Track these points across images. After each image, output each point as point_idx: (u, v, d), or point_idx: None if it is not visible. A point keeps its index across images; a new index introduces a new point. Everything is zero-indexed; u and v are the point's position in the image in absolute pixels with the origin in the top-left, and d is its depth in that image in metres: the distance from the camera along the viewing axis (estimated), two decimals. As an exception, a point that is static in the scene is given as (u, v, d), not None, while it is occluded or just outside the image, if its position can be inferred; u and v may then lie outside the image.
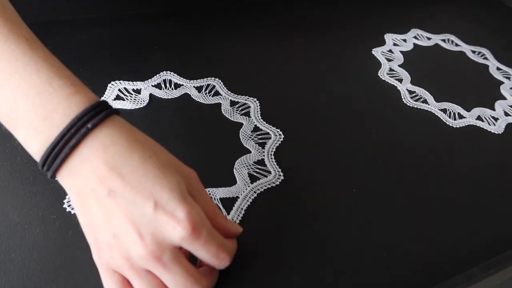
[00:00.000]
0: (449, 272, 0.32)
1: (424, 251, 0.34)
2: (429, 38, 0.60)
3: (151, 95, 0.43)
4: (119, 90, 0.43)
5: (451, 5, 0.69)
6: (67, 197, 0.33)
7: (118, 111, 0.28)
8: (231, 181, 0.37)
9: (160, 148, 0.28)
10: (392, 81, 0.51)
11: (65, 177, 0.26)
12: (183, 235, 0.24)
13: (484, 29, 0.65)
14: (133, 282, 0.26)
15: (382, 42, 0.57)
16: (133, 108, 0.41)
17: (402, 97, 0.49)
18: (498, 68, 0.57)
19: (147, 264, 0.25)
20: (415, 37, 0.60)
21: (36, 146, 0.25)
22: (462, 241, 0.35)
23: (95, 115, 0.25)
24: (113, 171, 0.24)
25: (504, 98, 0.52)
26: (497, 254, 0.31)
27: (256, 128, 0.42)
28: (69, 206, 0.33)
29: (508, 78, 0.56)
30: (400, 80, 0.52)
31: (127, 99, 0.42)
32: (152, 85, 0.44)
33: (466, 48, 0.60)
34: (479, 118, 0.49)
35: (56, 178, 0.26)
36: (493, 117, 0.49)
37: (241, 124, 0.42)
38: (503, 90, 0.54)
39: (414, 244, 0.34)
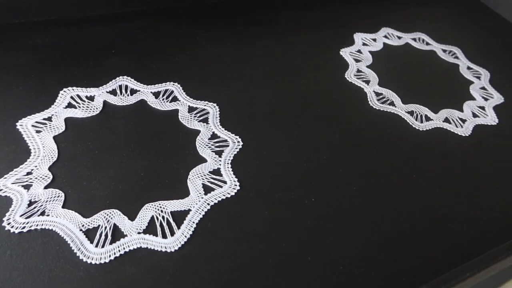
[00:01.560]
0: (408, 284, 0.31)
1: (382, 260, 0.33)
2: (399, 37, 0.59)
3: (105, 102, 0.41)
4: (71, 97, 0.41)
5: (424, 3, 0.68)
6: (8, 212, 0.31)
7: None
8: (185, 193, 0.35)
9: None
10: (359, 82, 0.50)
11: None
12: None
13: (456, 27, 0.65)
14: None
15: (352, 42, 0.56)
16: (85, 116, 0.40)
17: (369, 99, 0.48)
18: (468, 68, 0.56)
19: None
20: (385, 36, 0.59)
21: None
22: (418, 253, 0.34)
23: None
24: None
25: (473, 99, 0.52)
26: (454, 267, 0.30)
27: (214, 135, 0.40)
28: (8, 224, 0.31)
29: (478, 77, 0.55)
30: (368, 82, 0.50)
31: (79, 106, 0.40)
32: (107, 91, 0.42)
33: (437, 47, 0.59)
34: (446, 120, 0.48)
35: None
36: (461, 119, 0.48)
37: (198, 131, 0.40)
38: (473, 90, 0.53)
39: (370, 255, 0.33)
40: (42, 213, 0.32)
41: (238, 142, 0.40)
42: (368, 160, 0.41)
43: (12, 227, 0.31)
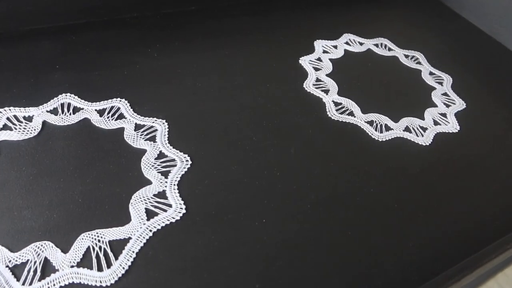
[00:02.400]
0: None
1: (337, 282, 0.31)
2: (361, 43, 0.58)
3: (44, 122, 0.39)
4: (8, 118, 0.38)
5: (386, 7, 0.67)
6: None
7: None
8: (126, 219, 0.33)
9: None
10: (317, 92, 0.48)
11: None
12: None
13: (420, 31, 0.64)
14: None
15: (312, 50, 0.55)
16: (21, 138, 0.37)
17: (327, 110, 0.47)
18: (431, 73, 0.55)
19: None
20: (346, 43, 0.57)
21: None
22: (378, 272, 0.33)
23: None
24: None
25: (435, 105, 0.51)
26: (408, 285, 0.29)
27: (161, 154, 0.38)
28: None
29: (441, 83, 0.54)
30: (327, 91, 0.49)
31: (16, 128, 0.38)
32: (47, 111, 0.40)
33: (399, 53, 0.58)
34: (407, 129, 0.47)
35: None
36: (421, 127, 0.47)
37: (144, 151, 0.38)
38: (434, 96, 0.52)
39: (325, 279, 0.32)
40: (-35, 249, 0.29)
41: (187, 161, 0.38)
42: (325, 174, 0.40)
43: None
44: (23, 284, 0.28)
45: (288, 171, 0.39)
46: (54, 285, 0.29)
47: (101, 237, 0.31)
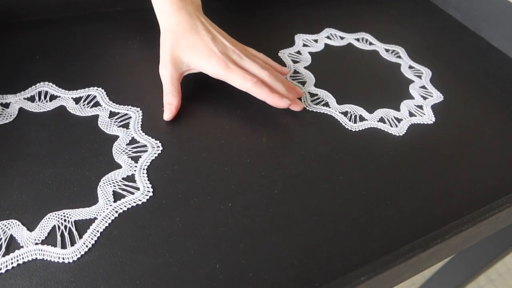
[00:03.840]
0: None
1: (296, 266, 0.32)
2: (342, 38, 0.59)
3: (21, 109, 0.40)
4: (-15, 104, 0.40)
5: (368, 1, 0.68)
6: None
7: None
8: (93, 201, 0.34)
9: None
10: (294, 83, 0.49)
11: None
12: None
13: (402, 26, 0.64)
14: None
15: (292, 43, 0.56)
16: (-3, 124, 0.38)
17: (303, 100, 0.47)
18: (410, 67, 0.56)
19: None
20: (327, 37, 0.58)
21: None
22: (339, 258, 0.33)
23: None
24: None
25: (412, 98, 0.51)
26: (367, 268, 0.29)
27: (133, 140, 0.39)
28: None
29: (420, 76, 0.55)
30: (304, 83, 0.50)
31: (-8, 114, 0.39)
32: (25, 98, 0.41)
33: (379, 47, 0.58)
34: (381, 120, 0.47)
35: None
36: (396, 118, 0.48)
37: (117, 137, 0.39)
38: (412, 89, 0.52)
39: (283, 262, 0.32)
40: None
41: (158, 146, 0.39)
42: (295, 162, 0.40)
43: None
44: (-13, 259, 0.29)
45: (258, 158, 0.40)
46: (17, 260, 0.30)
47: (67, 217, 0.32)
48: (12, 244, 0.30)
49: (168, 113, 0.42)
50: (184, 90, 0.44)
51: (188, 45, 0.43)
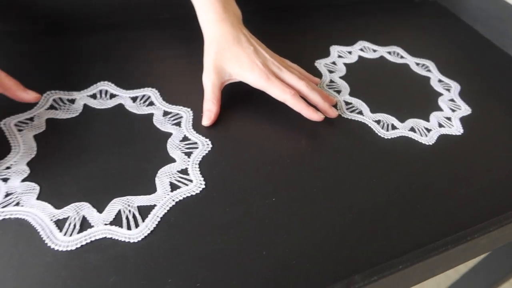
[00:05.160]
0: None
1: (328, 255, 0.35)
2: (374, 50, 0.62)
3: (85, 105, 0.44)
4: (54, 100, 0.44)
5: (401, 17, 0.71)
6: (-16, 204, 0.34)
7: None
8: (152, 190, 0.38)
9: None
10: (330, 92, 0.52)
11: None
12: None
13: (432, 41, 0.67)
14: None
15: (328, 54, 0.59)
16: (65, 117, 0.42)
17: (338, 108, 0.51)
18: (439, 80, 0.59)
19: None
20: (361, 49, 0.61)
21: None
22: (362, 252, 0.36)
23: None
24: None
25: (441, 110, 0.54)
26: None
27: (185, 138, 0.43)
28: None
29: (448, 90, 0.57)
30: (339, 92, 0.53)
31: (60, 108, 0.43)
32: (88, 95, 0.45)
33: (410, 60, 0.61)
34: (412, 129, 0.50)
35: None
36: (426, 128, 0.50)
37: (170, 134, 0.43)
38: (441, 102, 0.55)
39: (325, 252, 0.36)
40: (17, 204, 0.34)
41: (208, 144, 0.43)
42: (331, 164, 0.44)
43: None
44: (64, 235, 0.33)
45: (297, 160, 0.43)
46: (90, 238, 0.33)
47: (131, 203, 0.36)
48: (85, 224, 0.34)
49: (206, 119, 0.45)
50: (231, 96, 0.48)
51: (231, 56, 0.46)
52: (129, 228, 0.34)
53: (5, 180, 0.36)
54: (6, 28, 0.50)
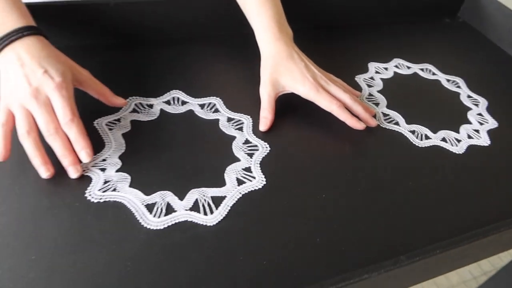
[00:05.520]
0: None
1: (371, 244, 0.41)
2: (408, 67, 0.68)
3: (161, 110, 0.52)
4: (135, 104, 0.51)
5: (433, 36, 0.77)
6: (89, 187, 0.42)
7: (44, 34, 0.47)
8: (222, 184, 0.45)
9: (63, 59, 0.47)
10: (370, 104, 0.59)
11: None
12: (51, 87, 0.43)
13: (462, 59, 0.73)
14: (17, 114, 0.42)
15: (366, 70, 0.65)
16: (146, 120, 0.50)
17: (377, 119, 0.57)
18: (468, 96, 0.64)
19: (29, 102, 0.42)
20: (396, 66, 0.68)
21: None
22: (402, 235, 0.42)
23: (26, 31, 0.44)
24: (29, 55, 0.43)
25: (470, 123, 0.59)
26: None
27: (247, 141, 0.50)
28: (89, 195, 0.41)
29: (477, 105, 0.63)
30: (377, 104, 0.59)
31: (141, 112, 0.51)
32: (163, 102, 0.53)
33: (441, 77, 0.67)
34: (443, 139, 0.56)
35: None
36: (456, 139, 0.56)
37: (234, 137, 0.50)
38: (470, 115, 0.61)
39: (370, 239, 0.42)
40: (114, 190, 0.42)
41: (266, 147, 0.49)
42: (373, 168, 0.50)
43: (92, 198, 0.41)
44: (154, 216, 0.40)
45: (343, 162, 0.50)
46: (174, 220, 0.40)
47: (205, 193, 0.43)
48: (169, 209, 0.41)
49: (263, 125, 0.52)
50: (286, 106, 0.55)
51: (285, 70, 0.53)
52: (205, 213, 0.41)
53: (103, 170, 0.43)
54: (93, 42, 0.59)
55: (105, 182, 0.42)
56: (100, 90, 0.48)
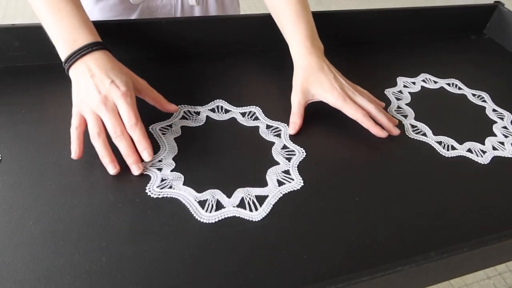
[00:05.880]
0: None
1: (399, 240, 0.45)
2: (435, 82, 0.72)
3: (207, 117, 0.57)
4: (184, 112, 0.57)
5: (460, 52, 0.81)
6: (148, 184, 0.47)
7: (109, 50, 0.53)
8: (264, 184, 0.49)
9: (126, 70, 0.53)
10: (398, 116, 0.63)
11: (72, 70, 0.50)
12: (118, 95, 0.49)
13: (487, 75, 0.76)
14: (88, 118, 0.48)
15: (395, 84, 0.69)
16: (194, 126, 0.55)
17: (405, 130, 0.61)
18: (494, 110, 0.68)
19: (99, 108, 0.48)
20: (423, 81, 0.71)
21: (65, 53, 0.51)
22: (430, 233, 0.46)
23: (94, 46, 0.51)
24: (97, 67, 0.50)
25: (495, 135, 0.63)
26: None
27: (284, 146, 0.54)
28: (149, 191, 0.46)
29: (502, 118, 0.66)
30: (406, 116, 0.63)
31: (190, 118, 0.56)
32: (209, 110, 0.58)
33: (467, 92, 0.71)
34: (469, 150, 0.59)
35: (68, 73, 0.51)
36: (482, 150, 0.59)
37: (273, 143, 0.55)
38: (495, 128, 0.64)
39: (398, 239, 0.45)
40: (170, 187, 0.47)
41: (303, 152, 0.54)
42: (402, 176, 0.54)
43: (151, 193, 0.46)
44: (206, 211, 0.45)
45: (374, 169, 0.54)
46: (223, 215, 0.45)
47: (250, 192, 0.48)
48: (218, 205, 0.46)
49: (292, 129, 0.57)
50: (319, 117, 0.59)
51: (315, 80, 0.58)
52: (250, 210, 0.46)
53: (159, 169, 0.49)
54: (149, 56, 0.65)
55: (162, 180, 0.48)
56: (156, 97, 0.54)
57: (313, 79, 0.58)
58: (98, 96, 0.47)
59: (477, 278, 1.31)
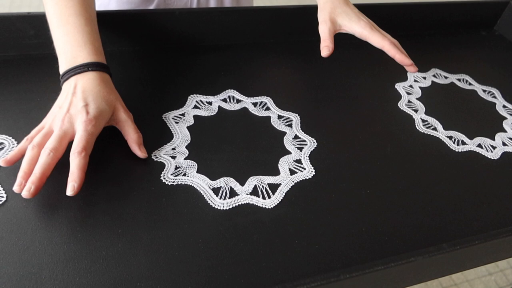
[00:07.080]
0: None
1: (410, 232, 0.45)
2: (446, 77, 0.72)
3: (219, 107, 0.57)
4: (196, 101, 0.57)
5: (470, 48, 0.81)
6: (162, 172, 0.47)
7: (108, 71, 0.52)
8: (276, 173, 0.50)
9: (112, 98, 0.50)
10: (409, 111, 0.63)
11: (64, 85, 0.49)
12: (82, 120, 0.46)
13: (498, 70, 0.76)
14: (44, 128, 0.46)
15: (405, 79, 0.70)
16: (206, 115, 0.56)
17: (416, 124, 0.61)
18: (504, 106, 0.68)
19: (55, 122, 0.46)
20: (434, 76, 0.71)
21: (63, 68, 0.50)
22: (439, 226, 0.46)
23: (91, 67, 0.49)
24: (82, 87, 0.48)
25: (505, 131, 0.63)
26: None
27: (296, 136, 0.55)
28: (164, 178, 0.47)
29: (512, 115, 0.66)
30: (416, 111, 0.63)
31: (202, 108, 0.56)
32: (220, 99, 0.58)
33: (478, 88, 0.71)
34: (479, 145, 0.59)
35: (61, 85, 0.50)
36: (492, 146, 0.60)
37: (285, 133, 0.55)
38: (505, 124, 0.64)
39: (405, 229, 0.46)
40: (184, 174, 0.47)
41: (314, 142, 0.54)
42: (412, 169, 0.54)
43: (166, 181, 0.47)
44: (220, 198, 0.46)
45: (385, 162, 0.54)
46: (237, 202, 0.45)
47: (263, 180, 0.48)
48: (232, 192, 0.47)
49: (325, 51, 0.58)
50: (332, 110, 0.60)
51: (342, 12, 0.61)
52: (263, 198, 0.46)
53: (173, 157, 0.49)
54: (161, 46, 0.65)
55: (176, 167, 0.48)
56: (131, 136, 0.49)
57: (340, 10, 0.61)
58: (65, 113, 0.46)
59: (479, 274, 1.32)
